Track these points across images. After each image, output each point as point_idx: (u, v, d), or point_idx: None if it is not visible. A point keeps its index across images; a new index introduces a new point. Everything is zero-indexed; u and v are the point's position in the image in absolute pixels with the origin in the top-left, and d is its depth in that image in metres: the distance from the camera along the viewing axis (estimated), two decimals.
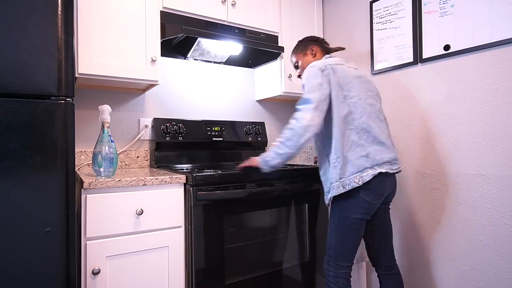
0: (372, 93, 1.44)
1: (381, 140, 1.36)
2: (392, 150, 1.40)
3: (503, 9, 1.42)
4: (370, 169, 1.30)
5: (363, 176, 1.29)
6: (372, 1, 1.99)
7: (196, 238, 1.40)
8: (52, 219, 1.07)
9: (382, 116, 1.44)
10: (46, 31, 1.06)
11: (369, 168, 1.30)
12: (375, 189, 1.32)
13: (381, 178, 1.33)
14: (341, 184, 1.31)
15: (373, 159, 1.31)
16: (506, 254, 1.43)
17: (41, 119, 1.06)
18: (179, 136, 1.94)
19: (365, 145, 1.31)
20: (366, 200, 1.32)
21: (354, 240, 1.37)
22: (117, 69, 1.57)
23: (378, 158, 1.32)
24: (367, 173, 1.29)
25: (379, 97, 1.48)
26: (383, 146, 1.36)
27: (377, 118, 1.39)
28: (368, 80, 1.46)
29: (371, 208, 1.35)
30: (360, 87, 1.38)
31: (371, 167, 1.30)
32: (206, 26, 1.83)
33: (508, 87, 1.42)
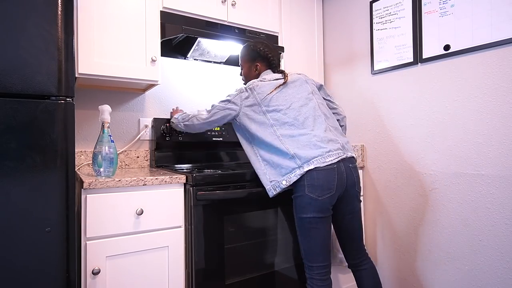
0: (300, 95, 1.46)
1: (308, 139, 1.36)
2: (323, 144, 1.35)
3: (503, 9, 1.42)
4: (298, 169, 1.33)
5: (290, 177, 1.34)
6: (372, 1, 1.99)
7: (196, 238, 1.40)
8: (52, 219, 1.07)
9: (319, 112, 1.44)
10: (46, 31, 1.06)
11: (296, 168, 1.33)
12: (319, 184, 1.31)
13: (323, 173, 1.31)
14: (272, 187, 1.39)
15: (300, 157, 1.33)
16: (506, 254, 1.43)
17: (41, 119, 1.06)
18: (179, 136, 1.94)
19: (290, 148, 1.35)
20: (312, 197, 1.31)
21: (317, 240, 1.35)
22: (117, 69, 1.57)
23: (305, 156, 1.33)
24: (294, 173, 1.33)
25: (314, 95, 1.49)
26: (310, 144, 1.35)
27: (308, 117, 1.41)
28: (298, 84, 1.49)
29: (322, 206, 1.32)
30: (283, 96, 1.44)
31: (299, 167, 1.33)
32: (206, 26, 1.83)
33: (508, 87, 1.42)
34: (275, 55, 1.62)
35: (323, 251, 1.36)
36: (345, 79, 2.20)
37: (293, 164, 1.34)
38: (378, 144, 1.99)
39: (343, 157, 1.37)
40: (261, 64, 1.61)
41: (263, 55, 1.60)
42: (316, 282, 1.36)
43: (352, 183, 1.40)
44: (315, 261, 1.36)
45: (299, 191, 1.35)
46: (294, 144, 1.36)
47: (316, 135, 1.37)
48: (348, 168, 1.38)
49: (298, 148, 1.35)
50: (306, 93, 1.48)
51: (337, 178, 1.34)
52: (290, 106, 1.42)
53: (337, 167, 1.34)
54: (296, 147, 1.35)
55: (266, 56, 1.60)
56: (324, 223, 1.35)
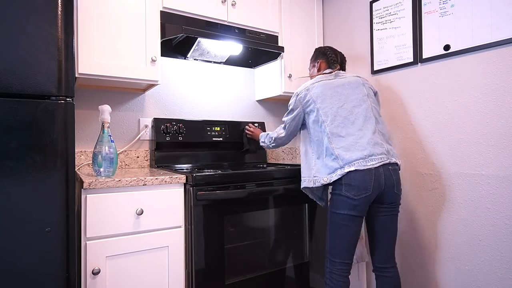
0: (355, 96, 1.51)
1: (354, 140, 1.42)
2: (368, 147, 1.39)
3: (503, 9, 1.42)
4: (340, 169, 1.39)
5: (332, 175, 1.41)
6: (372, 1, 1.99)
7: (196, 238, 1.40)
8: (52, 219, 1.07)
9: (370, 114, 1.48)
10: (46, 31, 1.06)
11: (338, 169, 1.40)
12: (355, 184, 1.36)
13: (361, 173, 1.36)
14: (313, 180, 1.49)
15: (342, 159, 1.39)
16: (506, 254, 1.43)
17: (41, 119, 1.06)
18: (179, 136, 1.94)
19: (335, 148, 1.42)
20: (348, 196, 1.37)
21: (345, 237, 1.40)
22: (117, 69, 1.57)
23: (347, 158, 1.39)
24: (336, 173, 1.40)
25: (369, 98, 1.53)
26: (356, 145, 1.41)
27: (358, 118, 1.46)
28: (352, 86, 1.54)
29: (358, 205, 1.37)
30: (337, 96, 1.51)
31: (340, 167, 1.39)
32: (206, 26, 1.83)
33: (508, 87, 1.42)
34: (336, 53, 1.70)
35: (349, 249, 1.41)
36: None
37: (335, 164, 1.41)
38: None
39: (385, 162, 1.40)
40: (322, 60, 1.71)
41: (322, 51, 1.72)
42: (336, 277, 1.40)
43: (391, 185, 1.41)
44: (339, 257, 1.41)
45: (337, 189, 1.41)
46: (340, 144, 1.42)
47: (363, 136, 1.42)
48: (387, 170, 1.41)
49: (343, 149, 1.41)
50: (361, 95, 1.52)
51: (374, 180, 1.37)
52: (343, 105, 1.48)
53: (375, 169, 1.38)
54: (341, 148, 1.41)
55: (325, 52, 1.71)
56: (355, 222, 1.39)
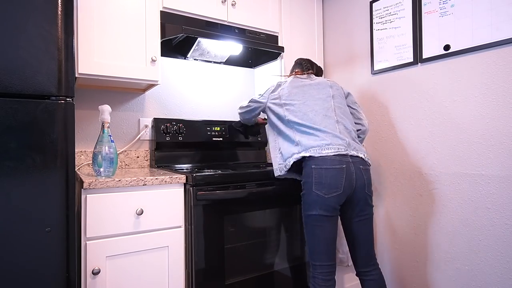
0: (320, 95, 1.55)
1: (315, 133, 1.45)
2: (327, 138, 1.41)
3: (503, 9, 1.42)
4: (297, 154, 1.43)
5: (290, 160, 1.45)
6: (372, 1, 1.99)
7: (196, 238, 1.40)
8: (52, 219, 1.07)
9: (332, 114, 1.50)
10: (46, 31, 1.06)
11: (296, 153, 1.44)
12: (327, 182, 1.34)
13: (332, 172, 1.34)
14: (279, 168, 1.52)
15: (302, 146, 1.43)
16: (506, 254, 1.43)
17: (41, 119, 1.06)
18: (179, 136, 1.94)
19: (297, 137, 1.47)
20: (319, 194, 1.35)
21: (320, 238, 1.36)
22: (117, 69, 1.57)
23: (305, 144, 1.43)
24: (293, 157, 1.44)
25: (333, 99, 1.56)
26: (314, 136, 1.43)
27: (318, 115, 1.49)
28: (321, 87, 1.59)
29: (329, 204, 1.34)
30: (302, 93, 1.55)
31: (298, 152, 1.43)
32: (206, 26, 1.83)
33: (508, 87, 1.42)
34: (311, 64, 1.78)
35: (328, 251, 1.37)
36: (345, 79, 2.20)
37: (294, 150, 1.45)
38: (378, 144, 1.99)
39: (343, 153, 1.38)
40: (297, 70, 1.76)
41: (299, 62, 1.79)
42: (318, 281, 1.36)
43: (361, 185, 1.39)
44: (319, 260, 1.37)
45: (307, 188, 1.39)
46: (300, 134, 1.47)
47: (321, 130, 1.44)
48: (358, 170, 1.39)
49: (303, 138, 1.45)
50: (325, 95, 1.56)
51: (346, 178, 1.35)
52: (305, 102, 1.52)
53: (347, 167, 1.36)
54: (302, 137, 1.45)
55: (301, 62, 1.78)
56: (329, 222, 1.36)
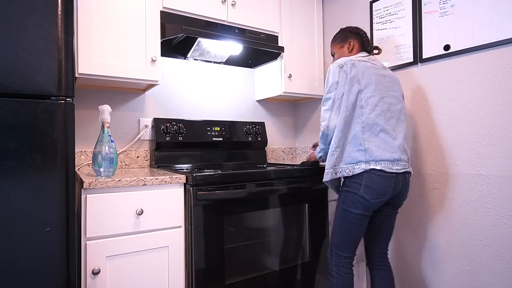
0: (394, 93, 1.46)
1: (387, 139, 1.37)
2: (398, 151, 1.38)
3: (503, 9, 1.42)
4: (364, 163, 1.33)
5: (354, 167, 1.34)
6: (372, 1, 1.99)
7: (196, 238, 1.40)
8: (52, 219, 1.07)
9: (403, 117, 1.46)
10: (46, 31, 1.06)
11: (363, 162, 1.33)
12: (376, 188, 1.33)
13: (383, 178, 1.33)
14: (334, 171, 1.39)
15: (371, 154, 1.33)
16: (506, 254, 1.43)
17: (41, 119, 1.06)
18: (179, 136, 1.94)
19: (366, 140, 1.34)
20: (366, 198, 1.35)
21: (355, 233, 1.42)
22: (117, 69, 1.57)
23: (376, 155, 1.33)
24: (359, 166, 1.33)
25: (402, 98, 1.51)
26: (388, 145, 1.36)
27: (393, 117, 1.41)
28: (393, 81, 1.48)
29: (372, 206, 1.38)
30: (380, 85, 1.41)
31: (365, 162, 1.33)
32: (206, 26, 1.83)
33: (508, 87, 1.42)
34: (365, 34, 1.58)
35: (356, 244, 1.44)
36: None
37: (360, 157, 1.32)
38: None
39: (407, 170, 1.41)
40: (354, 41, 1.55)
41: (353, 31, 1.57)
42: (343, 269, 1.42)
43: (404, 191, 1.44)
44: (346, 252, 1.43)
45: (353, 188, 1.37)
46: (372, 138, 1.34)
47: (395, 138, 1.39)
48: (404, 178, 1.41)
49: (373, 144, 1.34)
50: (398, 93, 1.48)
51: (394, 186, 1.37)
52: (384, 98, 1.40)
53: (396, 176, 1.37)
54: (372, 142, 1.34)
55: (358, 32, 1.56)
56: (366, 220, 1.41)
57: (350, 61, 1.41)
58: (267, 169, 1.64)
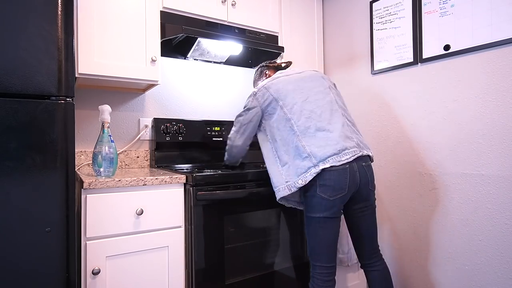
0: (318, 88, 1.45)
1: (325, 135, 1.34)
2: (340, 141, 1.33)
3: (503, 9, 1.42)
4: (313, 168, 1.30)
5: (306, 176, 1.31)
6: (372, 1, 1.99)
7: (196, 238, 1.40)
8: (52, 219, 1.07)
9: (336, 106, 1.43)
10: (46, 31, 1.06)
11: (312, 167, 1.31)
12: (331, 184, 1.30)
13: (336, 173, 1.30)
14: (287, 187, 1.36)
15: (315, 156, 1.31)
16: (506, 254, 1.43)
17: (41, 119, 1.06)
18: (179, 136, 1.94)
19: (306, 145, 1.34)
20: (323, 197, 1.31)
21: (323, 240, 1.34)
22: (117, 69, 1.57)
23: (320, 155, 1.31)
24: (309, 172, 1.31)
25: (331, 90, 1.48)
26: (328, 140, 1.33)
27: (325, 111, 1.39)
28: (313, 78, 1.49)
29: (333, 206, 1.32)
30: (299, 89, 1.44)
31: (314, 166, 1.30)
32: (206, 26, 1.83)
33: (508, 87, 1.42)
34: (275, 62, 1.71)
35: (329, 252, 1.35)
36: (345, 79, 2.20)
37: (308, 163, 1.31)
38: (378, 144, 1.99)
39: (358, 155, 1.34)
40: (269, 70, 1.68)
41: (268, 64, 1.69)
42: (317, 281, 1.35)
43: (365, 182, 1.38)
44: (319, 261, 1.35)
45: (310, 190, 1.34)
46: (311, 141, 1.34)
47: (333, 130, 1.35)
48: (361, 167, 1.36)
49: (314, 146, 1.33)
50: (322, 87, 1.47)
51: (350, 179, 1.32)
52: (307, 99, 1.41)
53: (350, 167, 1.32)
54: (313, 145, 1.33)
55: (267, 63, 1.69)
56: (332, 223, 1.34)
57: (263, 87, 1.48)
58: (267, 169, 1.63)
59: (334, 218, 1.34)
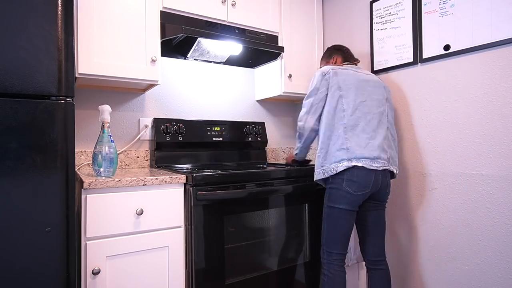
0: (377, 96, 1.55)
1: (367, 139, 1.45)
2: (378, 150, 1.45)
3: (503, 9, 1.42)
4: (346, 161, 1.42)
5: (338, 166, 1.43)
6: (372, 1, 1.99)
7: (196, 238, 1.40)
8: (52, 219, 1.07)
9: (384, 119, 1.53)
10: (46, 31, 1.06)
11: (345, 160, 1.42)
12: (358, 181, 1.42)
13: (364, 172, 1.42)
14: (322, 171, 1.49)
15: (352, 152, 1.43)
16: (506, 254, 1.43)
17: (41, 119, 1.06)
18: (179, 136, 1.94)
19: (348, 139, 1.44)
20: (348, 191, 1.42)
21: (342, 229, 1.46)
22: (117, 69, 1.57)
23: (358, 153, 1.43)
24: (342, 164, 1.43)
25: (387, 102, 1.58)
26: (368, 144, 1.45)
27: (374, 119, 1.50)
28: (376, 86, 1.57)
29: (355, 200, 1.44)
30: (361, 89, 1.52)
31: (348, 159, 1.42)
32: (206, 26, 1.83)
33: (508, 87, 1.42)
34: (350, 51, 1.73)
35: (345, 241, 1.47)
36: None
37: (343, 155, 1.43)
38: None
39: (386, 169, 1.48)
40: (338, 56, 1.71)
41: (337, 47, 1.72)
42: (334, 267, 1.45)
43: (385, 185, 1.50)
44: (336, 248, 1.46)
45: (336, 183, 1.45)
46: (353, 139, 1.44)
47: (375, 137, 1.47)
48: (384, 175, 1.49)
49: (355, 143, 1.44)
50: (381, 97, 1.56)
51: (374, 179, 1.44)
52: (365, 101, 1.50)
53: (376, 171, 1.45)
54: (354, 142, 1.44)
55: (341, 48, 1.72)
56: (352, 215, 1.46)
57: (332, 69, 1.54)
58: (267, 169, 1.64)
59: (353, 211, 1.46)
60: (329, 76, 1.52)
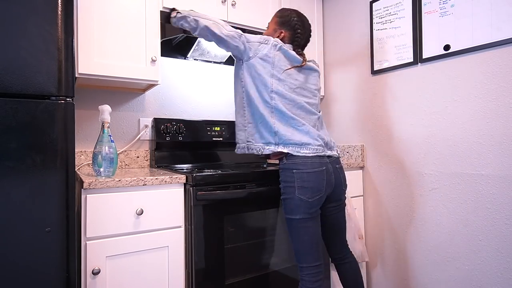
0: (311, 86, 1.49)
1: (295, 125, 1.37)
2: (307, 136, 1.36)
3: (503, 9, 1.42)
4: (274, 145, 1.37)
5: (264, 148, 1.39)
6: (372, 1, 1.99)
7: (196, 238, 1.40)
8: (52, 219, 1.07)
9: (315, 110, 1.46)
10: (46, 31, 1.06)
11: (273, 144, 1.37)
12: (309, 186, 1.32)
13: (314, 175, 1.33)
14: (247, 147, 1.45)
15: (280, 137, 1.36)
16: (506, 254, 1.44)
17: (41, 119, 1.06)
18: (179, 136, 1.94)
19: (275, 123, 1.37)
20: (302, 199, 1.32)
21: (305, 240, 1.34)
22: (117, 69, 1.57)
23: (285, 138, 1.36)
24: (268, 147, 1.38)
25: (317, 92, 1.52)
26: (298, 131, 1.37)
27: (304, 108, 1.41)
28: (313, 75, 1.51)
29: (311, 207, 1.34)
30: (295, 75, 1.43)
31: (275, 144, 1.37)
32: None
33: (508, 87, 1.42)
34: (303, 34, 1.50)
35: (313, 251, 1.34)
36: (345, 79, 2.20)
37: (271, 139, 1.38)
38: (378, 144, 1.99)
39: (321, 155, 1.37)
40: (285, 33, 1.49)
41: (292, 25, 1.48)
42: (306, 283, 1.34)
43: (339, 183, 1.45)
44: (305, 261, 1.35)
45: (289, 193, 1.35)
46: (282, 122, 1.37)
47: (304, 124, 1.39)
48: (335, 169, 1.44)
49: (283, 127, 1.37)
50: (314, 87, 1.51)
51: (326, 180, 1.37)
52: (298, 87, 1.43)
53: (326, 169, 1.37)
54: (282, 126, 1.37)
55: (294, 27, 1.48)
56: (312, 222, 1.35)
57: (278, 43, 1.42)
58: (267, 169, 1.64)
59: (313, 217, 1.36)
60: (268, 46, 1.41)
